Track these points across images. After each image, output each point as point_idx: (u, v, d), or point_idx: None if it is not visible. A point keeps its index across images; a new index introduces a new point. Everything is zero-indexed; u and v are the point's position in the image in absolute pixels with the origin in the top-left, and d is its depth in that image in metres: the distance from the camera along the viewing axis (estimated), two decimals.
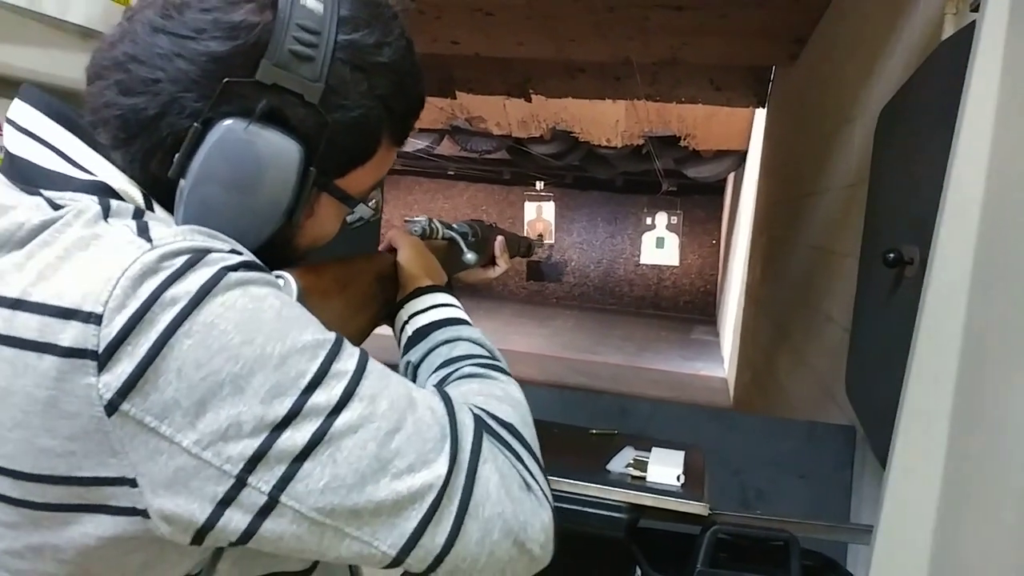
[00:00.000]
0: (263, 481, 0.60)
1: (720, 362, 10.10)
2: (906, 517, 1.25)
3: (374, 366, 0.66)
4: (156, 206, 0.70)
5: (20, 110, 0.69)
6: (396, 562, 0.64)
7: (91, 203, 0.63)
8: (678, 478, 1.43)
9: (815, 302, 3.28)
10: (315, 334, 0.63)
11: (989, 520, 1.05)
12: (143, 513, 0.60)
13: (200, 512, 0.59)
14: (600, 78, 6.52)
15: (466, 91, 7.22)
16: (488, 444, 0.68)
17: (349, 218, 0.83)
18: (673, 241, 12.91)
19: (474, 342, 0.86)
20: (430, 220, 1.13)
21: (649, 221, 13.03)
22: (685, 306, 14.99)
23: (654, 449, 1.55)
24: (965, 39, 1.25)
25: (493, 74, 6.80)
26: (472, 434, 0.67)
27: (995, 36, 1.14)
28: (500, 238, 1.33)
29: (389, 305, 0.98)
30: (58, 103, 0.70)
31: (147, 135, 0.66)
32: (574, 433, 1.73)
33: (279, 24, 0.66)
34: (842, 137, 3.07)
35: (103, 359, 0.57)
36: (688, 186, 12.16)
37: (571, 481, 1.43)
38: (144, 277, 0.58)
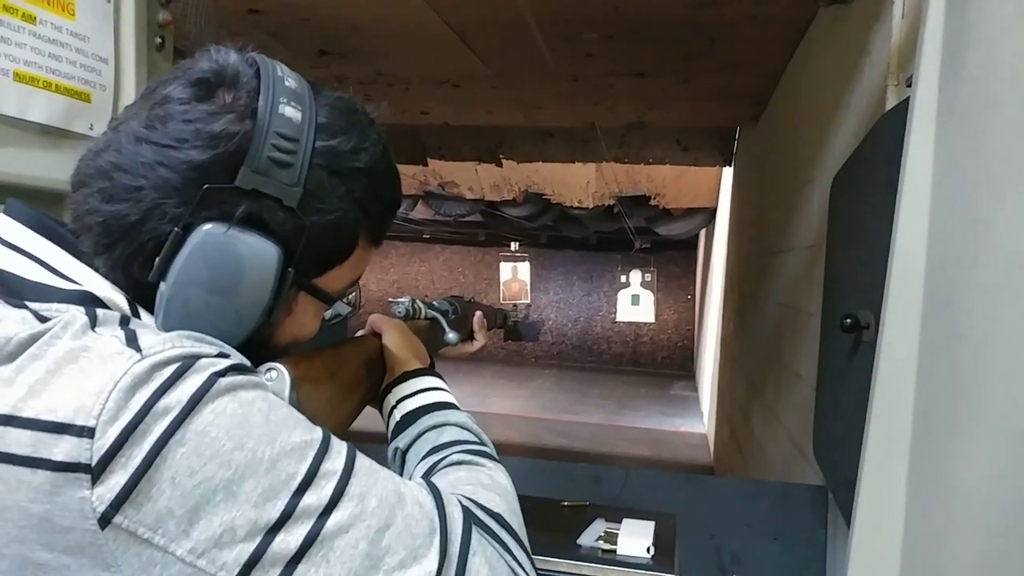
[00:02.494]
0: None
1: (700, 417, 10.09)
2: None
3: (362, 462, 0.67)
4: (141, 311, 0.71)
5: (3, 224, 0.71)
6: None
7: (78, 314, 0.64)
8: (648, 550, 1.44)
9: (785, 359, 3.31)
10: (303, 434, 0.65)
11: None
12: None
13: None
14: (569, 142, 6.64)
15: (437, 158, 7.32)
16: (477, 536, 0.69)
17: (327, 314, 0.85)
18: (648, 298, 12.99)
19: (461, 427, 0.88)
20: (413, 301, 1.17)
21: (624, 279, 13.12)
22: (663, 362, 15.00)
23: (625, 520, 1.55)
24: (904, 112, 1.30)
25: (464, 141, 6.90)
26: (461, 527, 0.69)
27: (927, 111, 1.20)
28: (479, 313, 1.37)
29: (376, 388, 1.01)
30: (40, 215, 0.73)
31: (129, 240, 0.68)
32: (546, 506, 1.73)
33: (258, 132, 0.68)
34: (804, 197, 3.14)
35: (96, 472, 0.57)
36: (661, 243, 12.30)
37: (542, 557, 1.43)
38: (135, 388, 0.59)
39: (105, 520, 0.58)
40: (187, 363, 0.62)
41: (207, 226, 0.68)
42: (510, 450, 7.70)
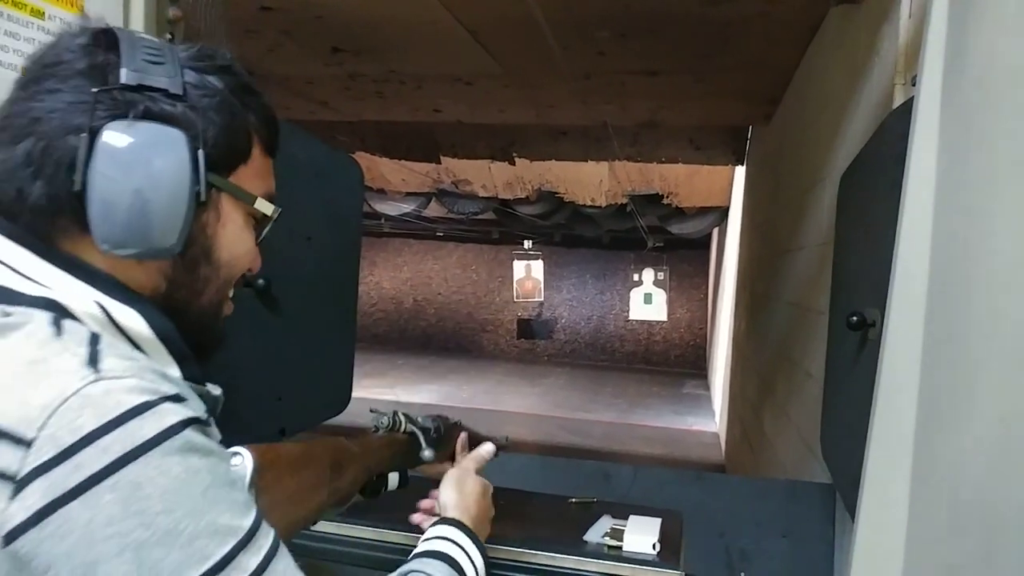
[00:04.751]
0: None
1: (712, 416, 10.07)
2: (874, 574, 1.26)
3: (276, 566, 0.65)
4: (113, 305, 0.69)
5: None
6: None
7: (43, 320, 0.64)
8: (654, 546, 1.44)
9: (796, 358, 3.31)
10: (232, 519, 0.62)
11: None
12: None
13: None
14: (582, 141, 6.64)
15: (450, 156, 7.33)
16: None
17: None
18: (661, 296, 12.96)
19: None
20: (395, 414, 1.22)
21: (636, 277, 13.10)
22: (676, 360, 14.97)
23: (631, 517, 1.55)
24: (909, 110, 1.30)
25: (477, 139, 6.91)
26: None
27: (931, 109, 1.20)
28: (463, 435, 1.38)
29: (339, 494, 1.06)
30: (7, 222, 0.71)
31: (49, 162, 0.68)
32: (553, 503, 1.74)
33: (125, 45, 0.73)
34: (814, 196, 3.14)
35: (19, 486, 0.56)
36: (674, 241, 12.27)
37: (548, 554, 1.43)
38: (83, 409, 0.57)
39: (10, 538, 0.56)
40: (147, 402, 0.60)
41: (111, 123, 0.69)
42: (522, 448, 7.72)
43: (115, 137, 0.68)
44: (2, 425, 0.57)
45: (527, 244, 14.15)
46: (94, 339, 0.64)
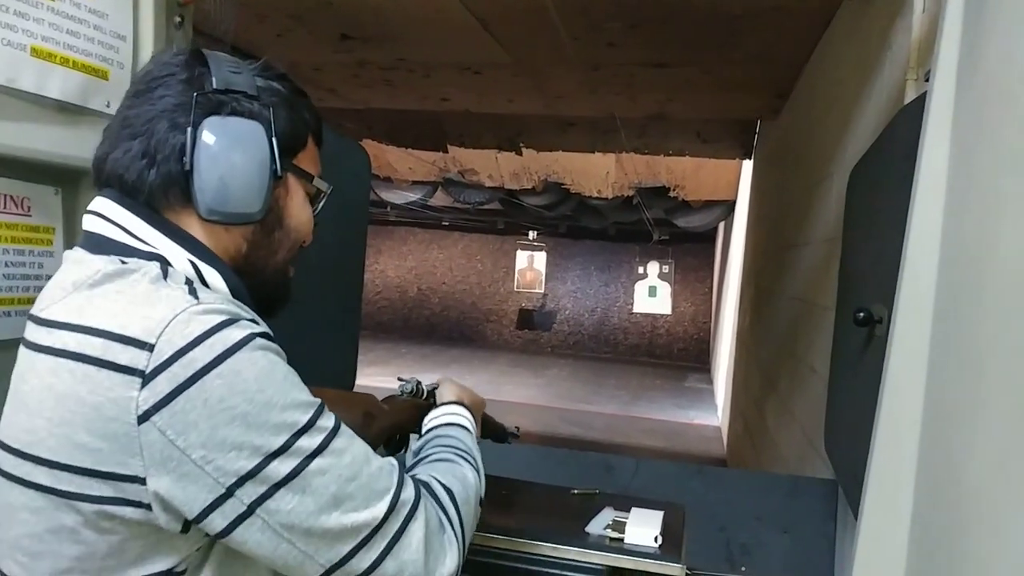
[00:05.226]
0: (246, 495, 0.79)
1: (714, 410, 10.06)
2: (876, 574, 1.26)
3: (345, 429, 0.88)
4: (202, 265, 0.90)
5: (97, 202, 0.92)
6: (326, 574, 0.84)
7: (154, 267, 0.85)
8: (656, 539, 1.43)
9: (800, 353, 3.30)
10: (307, 397, 0.85)
11: None
12: (147, 507, 0.77)
13: (191, 510, 0.78)
14: (590, 132, 6.61)
15: (458, 145, 7.32)
16: (423, 505, 0.91)
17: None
18: (665, 290, 12.95)
19: (460, 439, 1.16)
20: (418, 383, 1.39)
21: (641, 270, 13.08)
22: (679, 354, 14.96)
23: (633, 509, 1.54)
24: (921, 106, 1.29)
25: (484, 128, 6.89)
26: (413, 496, 0.91)
27: (944, 105, 1.19)
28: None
29: (370, 441, 1.19)
30: (125, 197, 0.91)
31: (162, 152, 0.90)
32: (556, 494, 1.73)
33: (212, 61, 0.95)
34: (822, 191, 3.12)
35: (148, 379, 0.76)
36: (679, 235, 12.24)
37: (551, 545, 1.42)
38: (190, 321, 0.78)
39: (144, 417, 0.75)
40: (234, 318, 0.81)
41: (208, 119, 0.90)
42: (524, 438, 7.70)
43: (212, 129, 0.90)
44: (130, 334, 0.77)
45: (531, 235, 14.13)
46: (189, 282, 0.86)
